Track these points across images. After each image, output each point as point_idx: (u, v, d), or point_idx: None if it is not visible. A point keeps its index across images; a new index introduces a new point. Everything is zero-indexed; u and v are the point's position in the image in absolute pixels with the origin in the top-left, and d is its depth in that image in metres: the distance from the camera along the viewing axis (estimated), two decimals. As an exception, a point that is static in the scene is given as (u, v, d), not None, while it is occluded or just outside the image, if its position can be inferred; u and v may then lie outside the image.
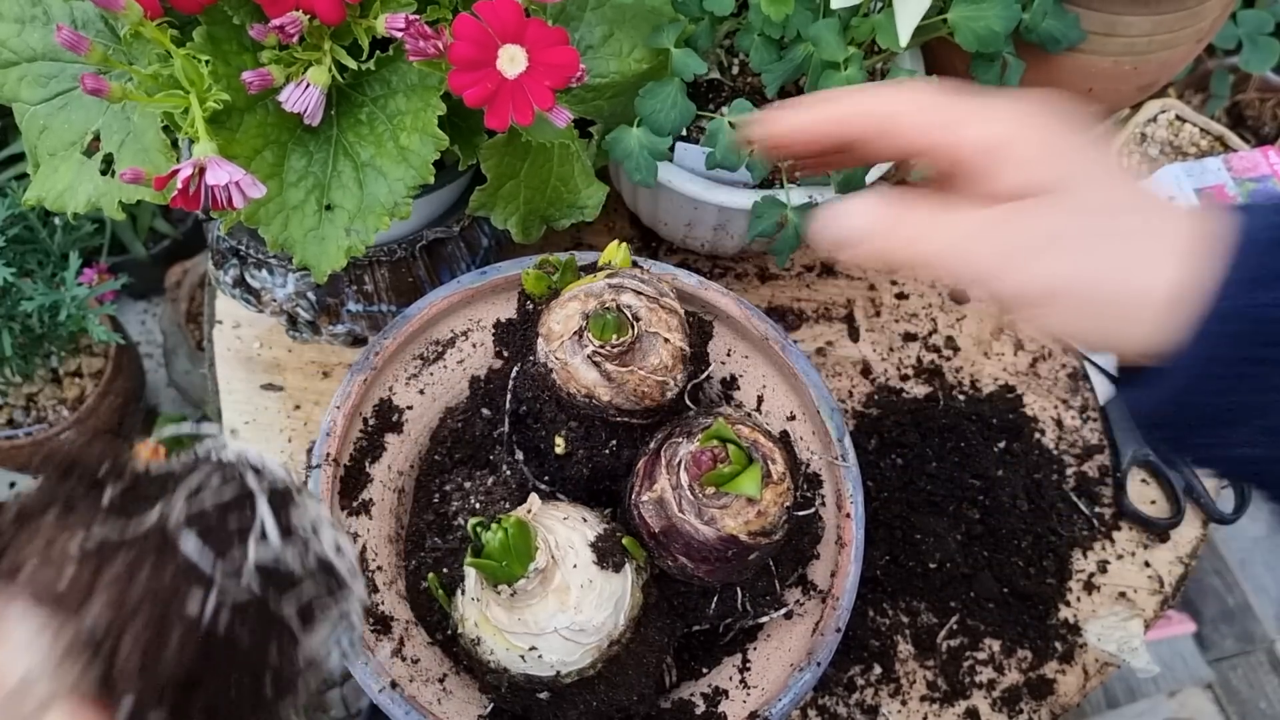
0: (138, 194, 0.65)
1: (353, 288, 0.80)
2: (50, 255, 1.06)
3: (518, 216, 0.72)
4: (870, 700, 0.80)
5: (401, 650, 0.64)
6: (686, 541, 0.57)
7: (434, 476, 0.71)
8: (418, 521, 0.70)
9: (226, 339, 0.92)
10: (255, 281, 0.80)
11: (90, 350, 1.26)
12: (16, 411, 1.22)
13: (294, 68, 0.60)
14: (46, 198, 0.67)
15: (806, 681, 0.62)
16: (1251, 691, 1.70)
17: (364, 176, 0.64)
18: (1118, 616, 0.83)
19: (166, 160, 0.62)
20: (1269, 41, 0.89)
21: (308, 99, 0.59)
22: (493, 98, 0.57)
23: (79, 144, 0.66)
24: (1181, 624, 1.69)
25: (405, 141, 0.63)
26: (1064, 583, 0.85)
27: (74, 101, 0.66)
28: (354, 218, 0.64)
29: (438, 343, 0.73)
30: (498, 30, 0.56)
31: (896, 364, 0.92)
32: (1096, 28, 0.76)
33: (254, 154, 0.62)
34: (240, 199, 0.56)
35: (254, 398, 0.89)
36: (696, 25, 0.73)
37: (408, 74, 0.63)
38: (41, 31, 0.65)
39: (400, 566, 0.68)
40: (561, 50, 0.57)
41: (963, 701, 0.80)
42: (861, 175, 0.75)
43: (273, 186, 0.62)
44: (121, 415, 1.31)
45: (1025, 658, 0.82)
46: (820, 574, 0.67)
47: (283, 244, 0.64)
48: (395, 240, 0.77)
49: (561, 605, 0.55)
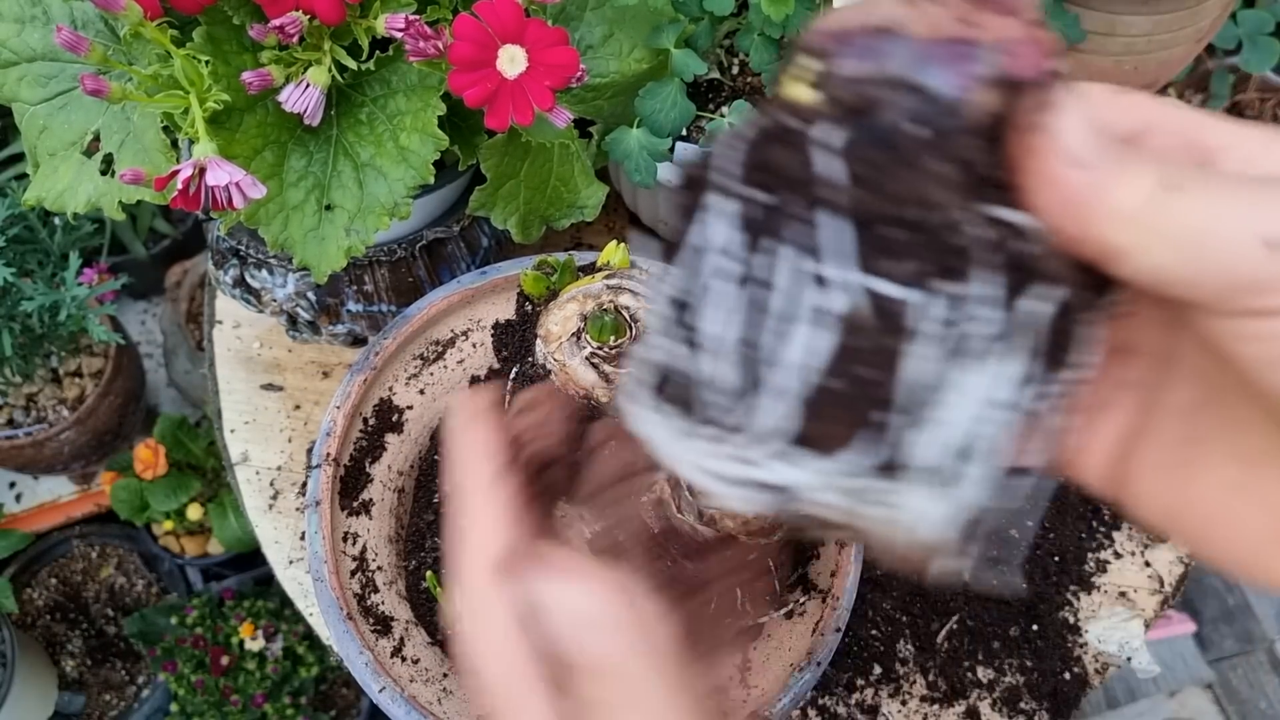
0: (138, 194, 0.65)
1: (353, 288, 0.80)
2: (50, 255, 1.06)
3: (517, 216, 0.72)
4: (870, 700, 0.80)
5: (402, 650, 0.64)
6: (685, 542, 0.57)
7: (434, 476, 0.71)
8: (418, 521, 0.70)
9: (226, 339, 0.92)
10: (255, 281, 0.80)
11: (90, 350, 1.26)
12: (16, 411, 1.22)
13: (294, 68, 0.60)
14: (46, 198, 0.67)
15: (806, 681, 0.62)
16: (1251, 691, 1.69)
17: (364, 176, 0.64)
18: (1118, 616, 0.83)
19: (166, 160, 0.62)
20: (1269, 41, 0.89)
21: (307, 99, 0.59)
22: (493, 98, 0.57)
23: (79, 144, 0.66)
24: (1181, 624, 1.69)
25: (405, 141, 0.63)
26: (1064, 583, 0.85)
27: (74, 102, 0.66)
28: (354, 218, 0.64)
29: (438, 343, 0.73)
30: (498, 30, 0.56)
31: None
32: (1096, 27, 0.76)
33: (254, 154, 0.62)
34: (240, 199, 0.56)
35: (254, 398, 0.89)
36: (696, 25, 0.72)
37: (408, 74, 0.63)
38: (41, 32, 0.65)
39: (400, 566, 0.69)
40: (561, 50, 0.57)
41: (963, 701, 0.80)
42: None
43: (273, 187, 0.62)
44: (122, 415, 1.31)
45: (1025, 658, 0.82)
46: (820, 574, 0.67)
47: (283, 244, 0.64)
48: (395, 240, 0.77)
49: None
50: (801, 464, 0.30)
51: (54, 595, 1.47)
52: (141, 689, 1.43)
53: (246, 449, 0.87)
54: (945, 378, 0.30)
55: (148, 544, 1.45)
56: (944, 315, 0.29)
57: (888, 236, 0.30)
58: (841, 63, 0.32)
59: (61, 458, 1.29)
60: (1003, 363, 0.30)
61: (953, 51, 0.31)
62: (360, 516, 0.68)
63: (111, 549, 1.50)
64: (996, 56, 0.31)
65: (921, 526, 0.31)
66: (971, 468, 0.31)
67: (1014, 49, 0.31)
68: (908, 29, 0.31)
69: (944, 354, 0.30)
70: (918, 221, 0.30)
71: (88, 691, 1.43)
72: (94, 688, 1.43)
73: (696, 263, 0.32)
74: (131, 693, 1.43)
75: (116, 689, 1.43)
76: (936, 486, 0.31)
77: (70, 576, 1.49)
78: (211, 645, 1.31)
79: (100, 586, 1.49)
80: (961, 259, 0.29)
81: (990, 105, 0.30)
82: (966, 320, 0.29)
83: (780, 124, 0.31)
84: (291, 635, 1.35)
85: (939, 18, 0.31)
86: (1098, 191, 0.29)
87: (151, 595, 1.48)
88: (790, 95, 0.32)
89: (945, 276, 0.29)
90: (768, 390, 0.31)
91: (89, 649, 1.45)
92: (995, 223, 0.30)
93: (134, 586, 1.49)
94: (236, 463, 0.86)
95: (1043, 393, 0.31)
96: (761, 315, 0.31)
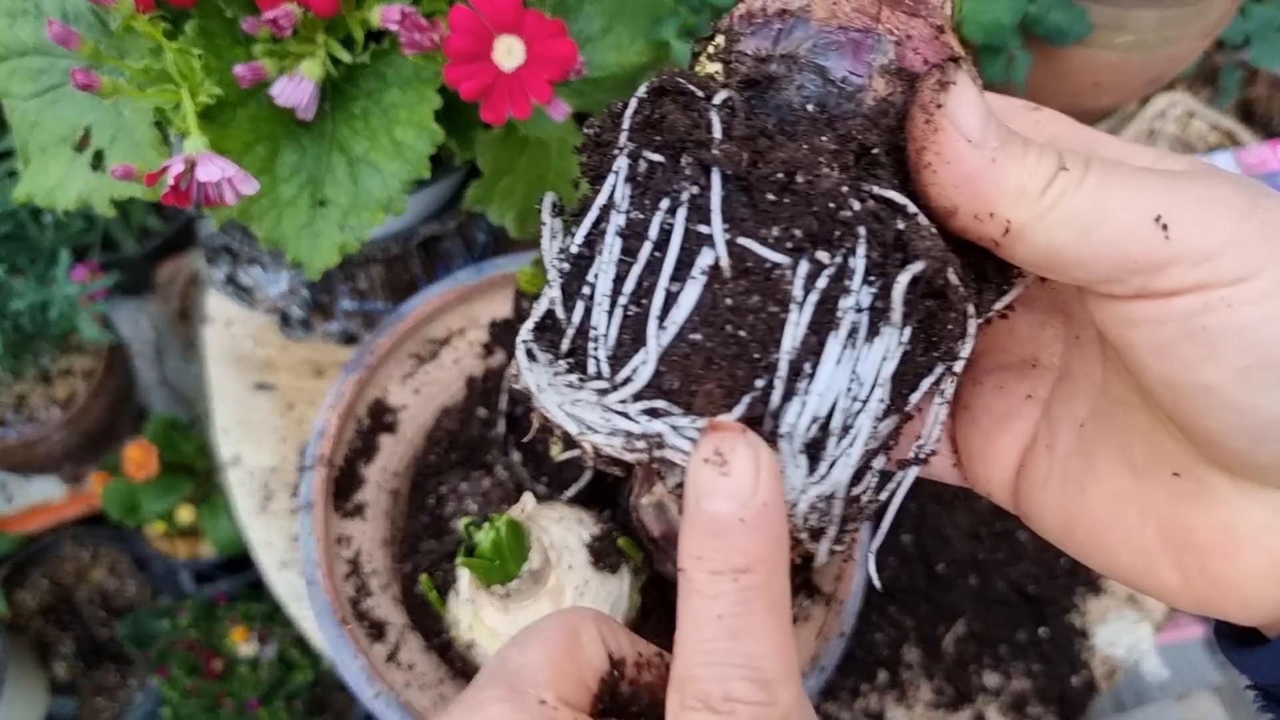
0: (129, 190, 0.64)
1: (347, 285, 0.78)
2: (40, 252, 1.05)
3: (515, 212, 0.71)
4: (875, 706, 0.79)
5: (396, 655, 0.63)
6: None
7: (429, 478, 0.70)
8: (413, 524, 0.69)
9: (218, 337, 0.90)
10: (247, 279, 0.78)
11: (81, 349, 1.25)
12: (7, 411, 1.20)
13: (287, 61, 0.59)
14: (37, 194, 0.66)
15: (810, 687, 0.61)
16: (1257, 694, 1.69)
17: (358, 171, 0.63)
18: (1126, 620, 0.83)
19: (158, 156, 0.61)
20: (1278, 37, 0.88)
21: (301, 93, 0.58)
22: (489, 91, 0.56)
23: (70, 139, 0.65)
24: (1190, 627, 1.68)
25: (400, 135, 0.62)
26: (1072, 585, 0.84)
27: (65, 96, 0.65)
28: (348, 213, 0.63)
29: (433, 341, 0.72)
30: (494, 22, 0.55)
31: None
32: (1104, 21, 0.75)
33: (246, 149, 0.61)
34: (232, 195, 0.55)
35: (246, 397, 0.88)
36: (697, 17, 0.71)
37: (403, 67, 0.62)
38: (32, 25, 0.64)
39: (395, 570, 0.67)
40: (559, 42, 0.56)
41: (969, 707, 0.79)
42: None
43: (265, 182, 0.61)
44: (113, 415, 1.30)
45: (1033, 662, 0.81)
46: (825, 578, 0.65)
47: (275, 240, 0.63)
48: (390, 236, 0.76)
49: (556, 606, 0.54)
50: (670, 419, 0.30)
51: (45, 598, 1.46)
52: (134, 692, 1.42)
53: (238, 450, 0.85)
54: (817, 347, 0.30)
55: (140, 546, 1.43)
56: (821, 285, 0.30)
57: (771, 202, 0.31)
58: (746, 40, 0.33)
59: (53, 458, 1.27)
60: (875, 339, 0.30)
61: (853, 39, 0.33)
62: (354, 519, 0.67)
63: (103, 551, 1.49)
64: (894, 48, 0.32)
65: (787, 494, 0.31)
66: (836, 444, 0.31)
67: (914, 44, 0.33)
68: (812, 13, 0.33)
69: (817, 323, 0.30)
70: (802, 192, 0.30)
71: (79, 695, 1.42)
72: (86, 691, 1.42)
73: (593, 218, 0.33)
74: (124, 696, 1.42)
75: (108, 692, 1.42)
76: (799, 456, 0.31)
77: (62, 579, 1.47)
78: (204, 649, 1.29)
79: (92, 589, 1.47)
80: (841, 231, 0.30)
81: (885, 92, 0.32)
82: (841, 292, 0.30)
83: (680, 87, 0.32)
84: (286, 639, 1.34)
85: (844, 6, 0.33)
86: (997, 171, 0.29)
87: (144, 598, 1.46)
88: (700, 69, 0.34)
89: (824, 246, 0.30)
90: (642, 343, 0.31)
91: (81, 652, 1.44)
92: (879, 200, 0.31)
93: (126, 589, 1.48)
94: (228, 464, 0.85)
95: (915, 379, 0.32)
96: (641, 268, 0.32)
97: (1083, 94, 0.83)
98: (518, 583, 0.52)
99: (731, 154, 0.30)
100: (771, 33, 0.33)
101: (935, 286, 0.31)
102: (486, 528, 0.52)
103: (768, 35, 0.33)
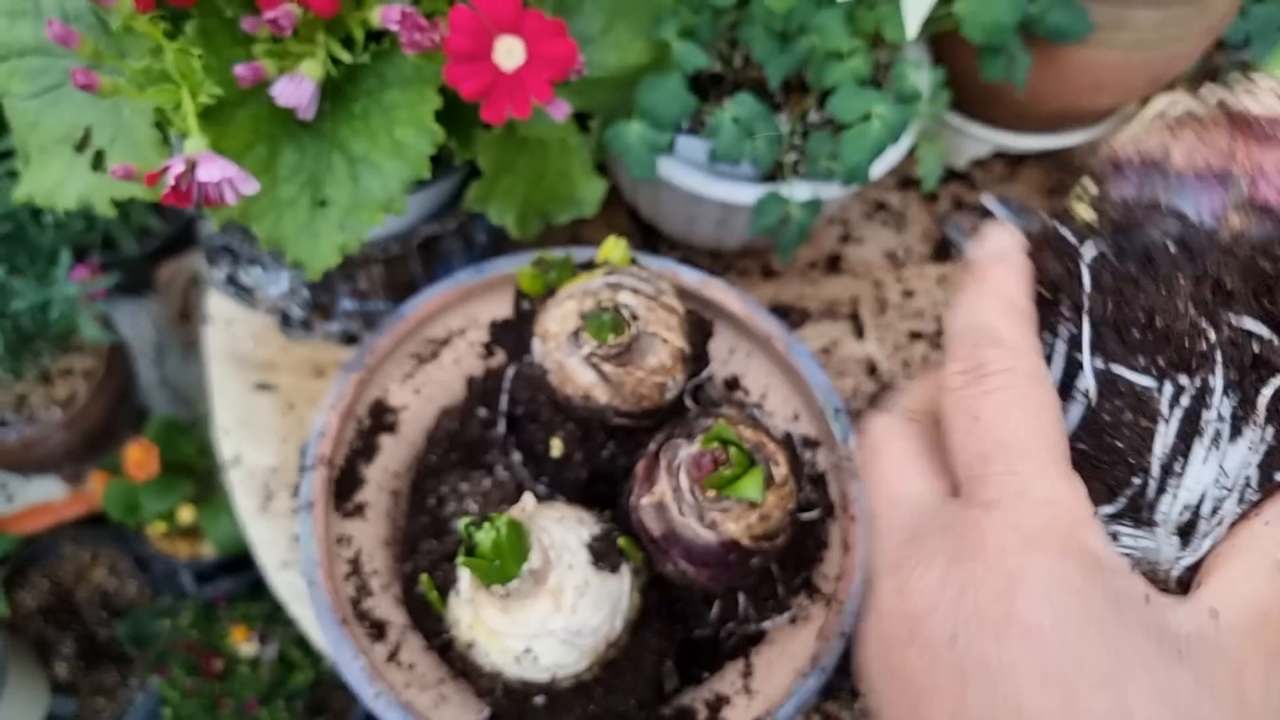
0: (129, 190, 0.64)
1: (347, 285, 0.78)
2: (40, 252, 1.05)
3: (515, 212, 0.70)
4: (874, 705, 0.79)
5: (397, 655, 0.63)
6: (687, 546, 0.55)
7: (429, 478, 0.70)
8: (413, 524, 0.69)
9: (218, 337, 0.90)
10: (248, 279, 0.78)
11: (81, 349, 1.25)
12: (7, 411, 1.20)
13: (287, 61, 0.59)
14: (37, 194, 0.65)
15: (811, 687, 0.61)
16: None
17: (358, 171, 0.63)
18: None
19: (158, 156, 0.61)
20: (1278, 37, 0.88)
21: (301, 93, 0.58)
22: (489, 91, 0.56)
23: (70, 139, 0.65)
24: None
25: (400, 135, 0.62)
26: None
27: (65, 96, 0.65)
28: (348, 213, 0.63)
29: (433, 341, 0.71)
30: (494, 21, 0.55)
31: (903, 363, 0.91)
32: (1105, 20, 0.75)
33: (246, 149, 0.61)
34: (232, 195, 0.55)
35: (246, 397, 0.88)
36: (698, 17, 0.71)
37: (403, 67, 0.62)
38: (32, 25, 0.64)
39: (395, 570, 0.67)
40: (560, 42, 0.56)
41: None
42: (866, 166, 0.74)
43: (265, 182, 0.61)
44: (113, 415, 1.29)
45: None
46: (825, 578, 0.65)
47: (275, 241, 0.62)
48: (390, 237, 0.76)
49: (556, 606, 0.53)
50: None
51: (45, 598, 1.46)
52: (134, 692, 1.42)
53: (239, 450, 0.85)
54: (1185, 450, 0.36)
55: (140, 546, 1.43)
56: (1184, 403, 0.36)
57: (1137, 338, 0.37)
58: (1113, 187, 0.40)
59: (53, 458, 1.27)
60: (1238, 439, 0.36)
61: (1209, 184, 0.38)
62: (354, 519, 0.67)
63: (103, 551, 1.49)
64: (1247, 185, 0.37)
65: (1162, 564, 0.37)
66: (1207, 524, 0.37)
67: (1266, 177, 0.37)
68: (1171, 159, 0.39)
69: (1184, 431, 0.36)
70: (1164, 326, 0.36)
71: (79, 695, 1.42)
72: (86, 691, 1.42)
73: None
74: (123, 696, 1.42)
75: (108, 692, 1.42)
76: (1172, 537, 0.37)
77: (62, 579, 1.47)
78: (204, 649, 1.29)
79: (92, 589, 1.47)
80: (1198, 360, 0.36)
81: (1239, 227, 0.37)
82: (1204, 407, 0.36)
83: (1059, 235, 0.39)
84: (286, 639, 1.34)
85: (1200, 148, 0.39)
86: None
87: (144, 598, 1.46)
88: (1073, 211, 0.40)
89: (1184, 371, 0.36)
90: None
91: (81, 652, 1.44)
92: (1236, 330, 0.36)
93: (126, 589, 1.48)
94: (229, 464, 0.85)
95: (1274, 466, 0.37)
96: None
97: (1083, 94, 0.83)
98: (518, 583, 0.52)
99: (1098, 303, 0.37)
100: (1136, 181, 0.39)
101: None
102: (486, 528, 0.52)
103: (1133, 184, 0.39)
